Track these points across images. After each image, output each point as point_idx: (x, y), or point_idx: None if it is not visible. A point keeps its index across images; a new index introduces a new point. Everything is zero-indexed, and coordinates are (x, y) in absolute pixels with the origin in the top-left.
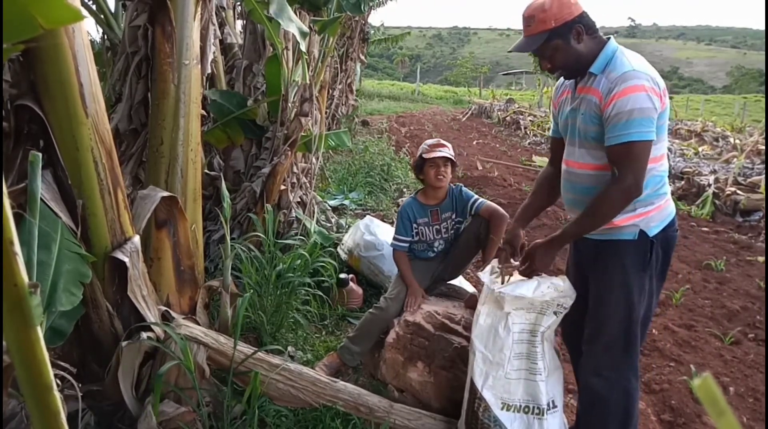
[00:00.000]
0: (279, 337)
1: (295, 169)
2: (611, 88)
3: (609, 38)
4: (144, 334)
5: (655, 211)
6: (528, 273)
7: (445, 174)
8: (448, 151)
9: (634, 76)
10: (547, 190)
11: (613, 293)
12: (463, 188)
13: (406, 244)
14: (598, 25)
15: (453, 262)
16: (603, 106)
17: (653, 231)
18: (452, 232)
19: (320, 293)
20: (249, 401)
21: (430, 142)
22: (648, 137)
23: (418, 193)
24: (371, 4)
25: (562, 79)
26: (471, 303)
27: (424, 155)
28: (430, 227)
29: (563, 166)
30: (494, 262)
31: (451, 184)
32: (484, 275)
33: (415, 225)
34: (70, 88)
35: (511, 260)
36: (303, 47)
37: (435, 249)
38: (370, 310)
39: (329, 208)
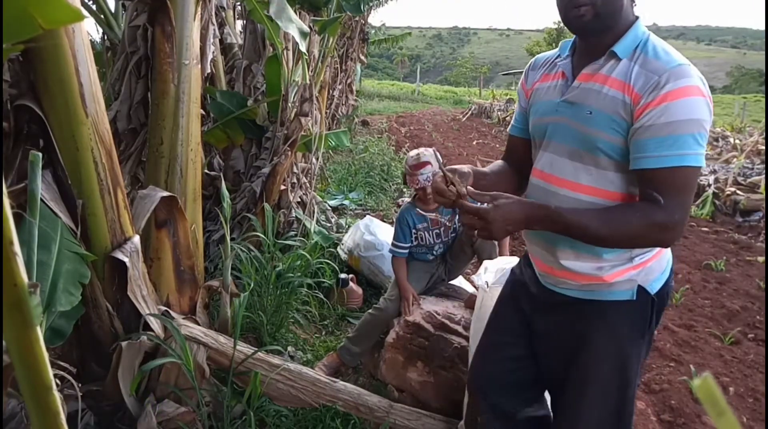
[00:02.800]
0: (279, 337)
1: (295, 169)
2: (657, 83)
3: (638, 18)
4: (144, 334)
5: (654, 259)
6: (474, 228)
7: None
8: (429, 171)
9: (690, 73)
10: (509, 184)
11: (602, 369)
12: None
13: (405, 251)
14: None
15: (452, 262)
16: (638, 107)
17: (655, 286)
18: (452, 234)
19: (320, 294)
20: (249, 401)
21: (411, 158)
22: (701, 163)
23: (416, 198)
24: (371, 4)
25: (541, 55)
26: (471, 303)
27: (408, 181)
28: (430, 232)
29: (536, 181)
30: (486, 263)
31: None
32: (478, 277)
33: (414, 230)
34: (70, 88)
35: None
36: (303, 47)
37: (435, 252)
38: (370, 310)
39: (329, 208)
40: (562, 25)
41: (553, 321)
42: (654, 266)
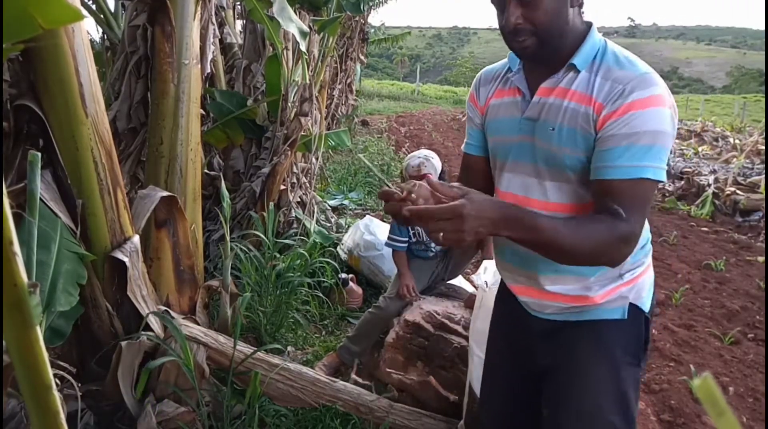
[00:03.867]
0: (279, 337)
1: (294, 169)
2: (620, 92)
3: (591, 25)
4: (144, 335)
5: (644, 274)
6: (441, 231)
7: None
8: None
9: (654, 82)
10: None
11: (597, 397)
12: None
13: (404, 245)
14: (597, 26)
15: (452, 261)
16: (602, 117)
17: (646, 303)
18: None
19: (320, 293)
20: (249, 401)
21: (412, 167)
22: (663, 177)
23: None
24: (371, 4)
25: (489, 68)
26: (470, 303)
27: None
28: None
29: None
30: (486, 262)
31: None
32: (478, 277)
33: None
34: (70, 88)
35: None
36: (303, 47)
37: (432, 249)
38: (369, 309)
39: (329, 207)
40: None
41: (545, 350)
42: (645, 282)
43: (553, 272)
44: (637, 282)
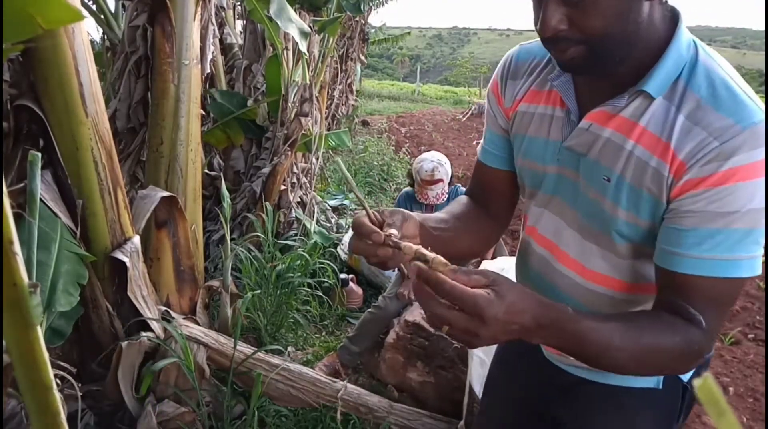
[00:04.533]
0: (279, 337)
1: (295, 169)
2: (716, 152)
3: (678, 19)
4: (144, 334)
5: None
6: (453, 326)
7: (438, 200)
8: (441, 188)
9: (764, 135)
10: (479, 237)
11: None
12: (460, 188)
13: None
14: None
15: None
16: (681, 182)
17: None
18: None
19: (320, 293)
20: (249, 401)
21: (425, 171)
22: (758, 270)
23: (416, 188)
24: (371, 4)
25: (528, 48)
26: None
27: (416, 193)
28: None
29: (539, 249)
30: (485, 263)
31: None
32: None
33: None
34: (70, 88)
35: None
36: (303, 47)
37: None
38: (369, 309)
39: (329, 208)
40: None
41: (559, 401)
42: None
43: None
44: None
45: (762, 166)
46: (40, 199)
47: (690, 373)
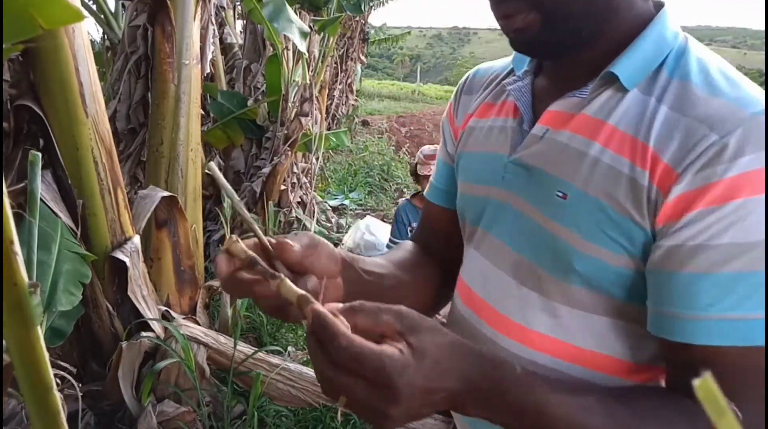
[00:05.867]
0: (279, 337)
1: (295, 169)
2: (717, 148)
3: (662, 5)
4: (144, 334)
5: None
6: (350, 396)
7: None
8: None
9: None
10: (421, 292)
11: None
12: None
13: None
14: None
15: None
16: (671, 197)
17: None
18: None
19: None
20: (249, 401)
21: (427, 151)
22: None
23: (413, 197)
24: (371, 4)
25: (489, 66)
26: None
27: (419, 170)
28: None
29: (461, 306)
30: None
31: None
32: None
33: (410, 228)
34: (70, 88)
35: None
36: (302, 47)
37: None
38: None
39: (329, 208)
40: None
41: None
42: None
43: None
44: None
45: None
46: (41, 199)
47: None
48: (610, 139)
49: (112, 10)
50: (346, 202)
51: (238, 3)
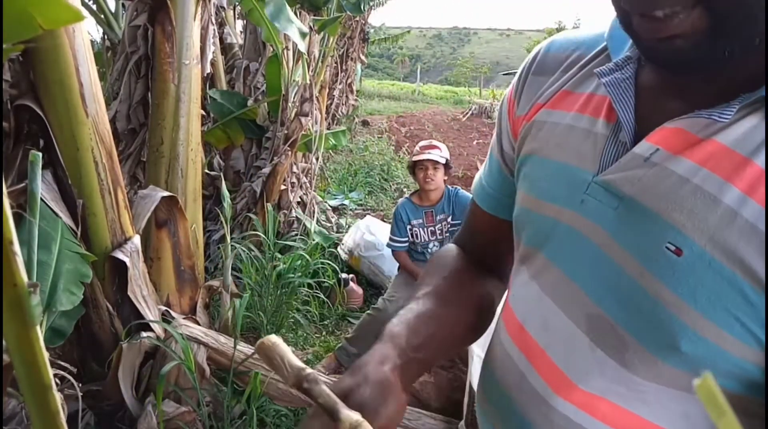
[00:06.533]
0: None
1: (295, 169)
2: None
3: None
4: (144, 334)
5: None
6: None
7: (434, 177)
8: (438, 154)
9: None
10: (473, 315)
11: None
12: (460, 190)
13: (404, 245)
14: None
15: None
16: None
17: None
18: (447, 234)
19: (320, 294)
20: (249, 401)
21: (422, 143)
22: None
23: (413, 195)
24: (371, 4)
25: (568, 39)
26: None
27: (413, 157)
28: (425, 229)
29: (508, 342)
30: None
31: (448, 186)
32: None
33: (409, 226)
34: (70, 88)
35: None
36: (302, 47)
37: (430, 250)
38: (368, 311)
39: (329, 208)
40: (564, 24)
41: None
42: None
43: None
44: None
45: None
46: (41, 199)
47: None
48: (756, 185)
49: (112, 10)
50: (346, 202)
51: (238, 3)
